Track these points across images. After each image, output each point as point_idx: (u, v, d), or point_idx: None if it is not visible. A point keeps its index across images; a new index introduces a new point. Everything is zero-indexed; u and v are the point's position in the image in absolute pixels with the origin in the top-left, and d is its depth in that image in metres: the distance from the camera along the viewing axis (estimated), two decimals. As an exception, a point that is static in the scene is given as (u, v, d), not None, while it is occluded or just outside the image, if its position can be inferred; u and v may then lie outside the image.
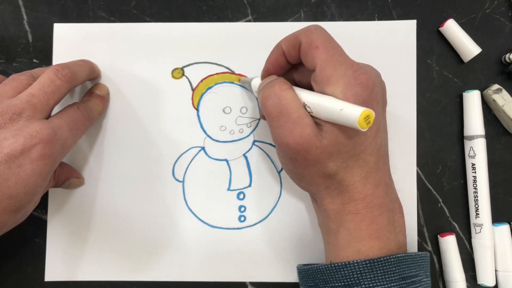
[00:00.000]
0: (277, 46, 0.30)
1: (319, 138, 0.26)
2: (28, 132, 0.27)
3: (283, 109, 0.27)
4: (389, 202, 0.28)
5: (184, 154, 0.36)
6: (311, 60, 0.27)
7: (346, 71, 0.26)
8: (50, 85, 0.29)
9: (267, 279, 0.36)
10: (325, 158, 0.26)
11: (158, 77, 0.37)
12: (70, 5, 0.37)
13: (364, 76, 0.26)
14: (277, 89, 0.28)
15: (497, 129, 0.37)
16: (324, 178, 0.27)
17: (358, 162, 0.27)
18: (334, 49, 0.27)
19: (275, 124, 0.27)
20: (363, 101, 0.25)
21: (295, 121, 0.26)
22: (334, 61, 0.26)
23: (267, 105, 0.28)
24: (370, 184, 0.27)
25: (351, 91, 0.25)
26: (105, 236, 0.36)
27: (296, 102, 0.27)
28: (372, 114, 0.24)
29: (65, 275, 0.36)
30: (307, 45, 0.27)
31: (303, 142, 0.26)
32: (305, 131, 0.26)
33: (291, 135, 0.26)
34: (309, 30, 0.28)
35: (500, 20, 0.37)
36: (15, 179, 0.26)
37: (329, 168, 0.27)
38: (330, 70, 0.26)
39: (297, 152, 0.26)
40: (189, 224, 0.36)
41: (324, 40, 0.27)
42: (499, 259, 0.35)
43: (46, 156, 0.27)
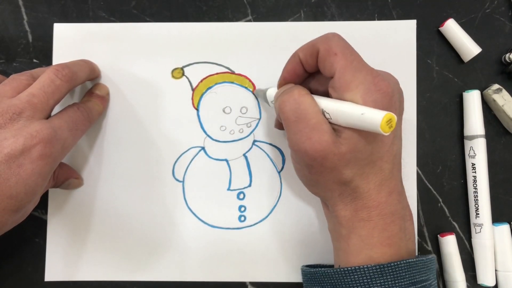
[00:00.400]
0: (294, 55, 0.30)
1: (337, 145, 0.26)
2: (28, 132, 0.27)
3: (301, 114, 0.26)
4: (401, 210, 0.28)
5: (184, 154, 0.36)
6: (330, 67, 0.27)
7: (365, 77, 0.26)
8: (50, 85, 0.29)
9: (267, 279, 0.36)
10: (342, 165, 0.26)
11: (158, 77, 0.37)
12: (70, 5, 0.37)
13: (383, 83, 0.26)
14: (296, 94, 0.27)
15: (497, 129, 0.37)
16: (339, 185, 0.27)
17: (374, 169, 0.27)
18: (353, 55, 0.27)
19: (293, 129, 0.27)
20: (382, 108, 0.25)
21: (314, 127, 0.26)
22: (353, 67, 0.26)
23: (285, 110, 0.27)
24: (384, 192, 0.27)
25: (370, 97, 0.25)
26: (105, 236, 0.36)
27: (315, 107, 0.27)
28: (394, 117, 0.23)
29: (65, 275, 0.36)
30: (325, 52, 0.27)
31: (321, 149, 0.26)
32: (324, 138, 0.26)
33: (309, 141, 0.26)
34: (327, 38, 0.28)
35: (500, 20, 0.37)
36: (15, 179, 0.26)
37: (345, 175, 0.27)
38: (349, 76, 0.26)
39: (314, 159, 0.26)
40: (189, 224, 0.36)
41: (343, 47, 0.27)
42: (499, 259, 0.35)
43: (46, 156, 0.27)
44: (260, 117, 0.36)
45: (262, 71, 0.36)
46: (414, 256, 0.29)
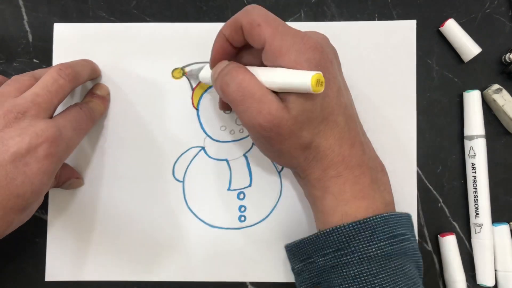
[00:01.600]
0: (219, 34, 0.30)
1: (286, 111, 0.26)
2: (33, 131, 0.27)
3: (245, 92, 0.27)
4: (369, 160, 0.29)
5: (184, 154, 0.36)
6: (258, 39, 0.27)
7: (294, 40, 0.26)
8: (53, 84, 0.29)
9: (267, 279, 0.36)
10: (297, 128, 0.27)
11: (158, 77, 0.37)
12: (70, 5, 0.37)
13: (311, 40, 0.26)
14: (234, 74, 0.27)
15: (497, 129, 0.37)
16: (301, 150, 0.28)
17: (329, 125, 0.27)
18: (276, 21, 0.27)
19: (241, 108, 0.27)
20: (316, 64, 0.26)
21: (260, 99, 0.26)
22: (280, 33, 0.26)
23: (229, 92, 0.28)
24: (345, 145, 0.28)
25: (303, 57, 0.26)
26: (105, 236, 0.36)
27: (256, 81, 0.27)
28: (321, 75, 0.25)
29: (65, 275, 0.36)
30: (249, 25, 0.27)
31: (273, 119, 0.26)
32: (273, 107, 0.26)
33: (260, 115, 0.26)
34: (247, 11, 0.28)
35: (500, 20, 0.37)
36: (21, 178, 0.26)
37: (303, 137, 0.27)
38: (278, 42, 0.26)
39: (269, 130, 0.27)
40: (189, 224, 0.36)
41: (264, 16, 0.27)
42: (498, 259, 0.35)
43: (51, 155, 0.27)
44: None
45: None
46: (393, 207, 0.30)
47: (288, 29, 0.27)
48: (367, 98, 0.36)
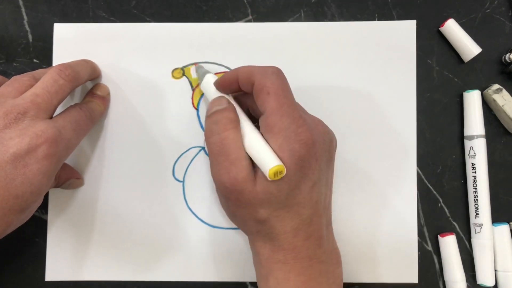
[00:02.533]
0: (234, 71, 0.30)
1: (252, 183, 0.26)
2: (33, 132, 0.27)
3: (223, 148, 0.27)
4: (322, 254, 0.28)
5: (184, 154, 0.36)
6: (261, 104, 0.27)
7: (289, 125, 0.26)
8: (53, 85, 0.29)
9: (267, 279, 0.36)
10: (257, 203, 0.27)
11: (158, 77, 0.37)
12: (70, 5, 0.37)
13: (306, 133, 0.26)
14: (222, 128, 0.28)
15: (497, 129, 0.37)
16: (255, 222, 0.28)
17: (290, 214, 0.27)
18: (285, 98, 0.27)
19: (214, 161, 0.28)
20: (299, 157, 0.26)
21: (233, 162, 0.27)
22: (281, 111, 0.26)
23: (210, 140, 0.28)
24: (300, 236, 0.27)
25: (288, 146, 0.26)
26: (105, 236, 0.36)
27: (237, 143, 0.27)
28: (283, 170, 0.25)
29: (65, 275, 0.36)
30: (259, 87, 0.27)
31: (236, 184, 0.26)
32: (240, 174, 0.26)
33: (227, 175, 0.27)
34: (265, 73, 0.28)
35: (500, 20, 0.37)
36: (21, 179, 0.26)
37: (260, 214, 0.27)
38: (274, 120, 0.26)
39: (230, 192, 0.27)
40: (189, 224, 0.36)
41: (277, 87, 0.27)
42: (498, 259, 0.35)
43: (51, 156, 0.27)
44: None
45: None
46: None
47: (291, 111, 0.26)
48: (367, 98, 0.36)
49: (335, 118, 0.36)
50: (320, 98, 0.36)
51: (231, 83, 0.30)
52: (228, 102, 0.30)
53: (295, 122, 0.26)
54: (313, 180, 0.27)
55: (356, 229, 0.36)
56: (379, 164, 0.36)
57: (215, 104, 0.30)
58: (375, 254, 0.36)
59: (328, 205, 0.30)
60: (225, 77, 0.30)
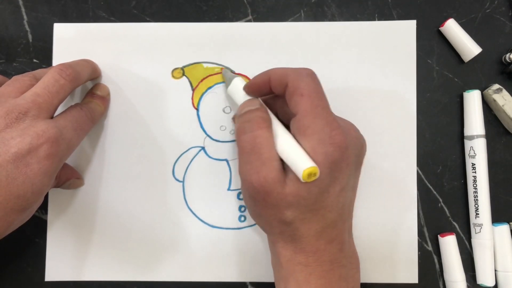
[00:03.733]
0: (266, 73, 0.29)
1: (282, 185, 0.26)
2: (34, 131, 0.27)
3: (255, 147, 0.27)
4: (343, 258, 0.28)
5: (184, 154, 0.36)
6: (294, 106, 0.27)
7: (323, 127, 0.26)
8: (54, 85, 0.29)
9: (267, 279, 0.36)
10: (284, 205, 0.26)
11: (158, 77, 0.37)
12: (70, 5, 0.37)
13: (339, 136, 0.26)
14: (255, 126, 0.27)
15: (497, 129, 0.37)
16: (279, 223, 0.27)
17: (317, 217, 0.27)
18: (320, 100, 0.27)
19: (245, 159, 0.27)
20: (332, 161, 0.25)
21: (264, 161, 0.26)
22: (315, 113, 0.26)
23: (241, 138, 0.28)
24: (323, 240, 0.27)
25: (322, 149, 0.25)
26: (105, 236, 0.36)
27: (270, 143, 0.27)
28: (317, 172, 0.25)
29: (65, 275, 0.36)
30: (293, 89, 0.27)
31: (266, 185, 0.26)
32: (270, 175, 0.26)
33: (257, 175, 0.26)
34: (299, 74, 0.27)
35: (500, 20, 0.37)
36: (22, 179, 0.26)
37: (286, 215, 0.26)
38: (308, 122, 0.26)
39: (258, 193, 0.26)
40: (189, 224, 0.36)
41: (311, 89, 0.27)
42: (498, 259, 0.35)
43: (52, 155, 0.27)
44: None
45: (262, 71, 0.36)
46: None
47: (325, 113, 0.26)
48: (367, 98, 0.36)
49: (335, 118, 0.36)
50: (320, 98, 0.36)
51: (262, 86, 0.30)
52: (260, 103, 0.30)
53: (329, 125, 0.26)
54: (342, 185, 0.27)
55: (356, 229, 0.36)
56: (379, 164, 0.36)
57: (247, 105, 0.30)
58: (375, 254, 0.36)
59: (351, 210, 0.30)
60: (256, 79, 0.30)
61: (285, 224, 0.27)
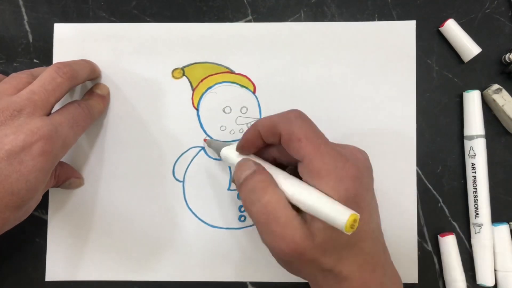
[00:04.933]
0: (254, 127, 0.28)
1: (311, 239, 0.25)
2: (28, 129, 0.27)
3: (270, 215, 0.25)
4: (388, 281, 0.28)
5: (184, 154, 0.36)
6: (296, 152, 0.26)
7: (336, 164, 0.25)
8: (51, 83, 0.29)
9: (267, 279, 0.36)
10: (319, 255, 0.25)
11: (158, 77, 0.37)
12: (70, 5, 0.37)
13: (353, 168, 0.25)
14: (261, 194, 0.26)
15: (497, 129, 0.37)
16: (321, 272, 0.26)
17: (353, 251, 0.26)
18: (319, 139, 0.26)
19: (264, 229, 0.26)
20: (355, 195, 0.25)
21: (284, 225, 0.25)
22: (321, 153, 0.25)
23: (252, 211, 0.27)
24: (367, 271, 0.26)
25: (342, 186, 0.25)
26: (105, 235, 0.36)
27: (282, 203, 0.26)
28: (357, 217, 0.23)
29: (65, 274, 0.36)
30: (287, 136, 0.26)
31: (296, 247, 0.25)
32: (297, 235, 0.25)
33: (283, 241, 0.25)
34: (289, 120, 0.27)
35: (500, 20, 0.37)
36: (16, 176, 0.26)
37: (326, 263, 0.26)
38: (318, 164, 0.25)
39: (291, 256, 0.25)
40: (189, 224, 0.36)
41: (307, 131, 0.26)
42: (498, 259, 0.35)
43: (47, 153, 0.27)
44: (260, 117, 0.36)
45: (262, 71, 0.36)
46: None
47: (330, 150, 0.26)
48: (367, 98, 0.36)
49: (335, 118, 0.36)
50: (320, 98, 0.36)
51: (253, 142, 0.29)
52: (254, 163, 0.28)
53: (339, 160, 0.25)
54: (369, 211, 0.27)
55: (356, 229, 0.36)
56: (379, 164, 0.36)
57: (243, 169, 0.28)
58: (375, 254, 0.36)
59: (380, 230, 0.29)
60: (246, 137, 0.29)
61: (327, 271, 0.26)
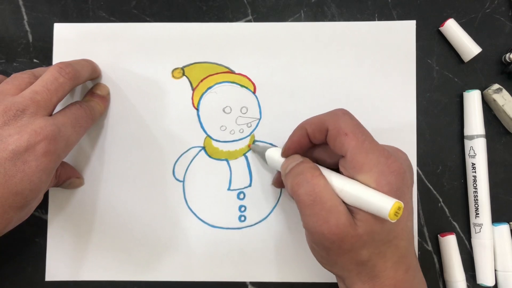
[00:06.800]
0: (301, 127, 0.30)
1: (354, 227, 0.25)
2: (32, 129, 0.27)
3: (317, 198, 0.26)
4: (417, 285, 0.28)
5: (185, 154, 0.36)
6: (340, 147, 0.27)
7: (379, 159, 0.26)
8: (53, 83, 0.29)
9: (267, 279, 0.36)
10: (359, 246, 0.26)
11: (158, 77, 0.37)
12: (70, 5, 0.37)
13: (396, 164, 0.26)
14: (309, 176, 0.27)
15: (497, 129, 0.37)
16: (356, 265, 0.27)
17: (391, 248, 0.27)
18: (364, 135, 0.27)
19: (309, 212, 0.26)
20: (397, 189, 0.25)
21: (330, 209, 0.26)
22: (365, 148, 0.26)
23: (299, 192, 0.27)
24: (401, 270, 0.27)
25: (385, 180, 0.25)
26: (105, 235, 0.36)
27: (329, 189, 0.26)
28: (402, 205, 0.24)
29: (65, 275, 0.36)
30: (335, 131, 0.27)
31: (338, 232, 0.25)
32: (341, 220, 0.25)
33: (327, 225, 0.25)
34: (336, 116, 0.28)
35: (500, 20, 0.37)
36: (20, 176, 0.26)
37: (363, 255, 0.26)
38: (361, 158, 0.26)
39: (332, 242, 0.26)
40: (189, 224, 0.36)
41: (353, 126, 0.27)
42: (498, 259, 0.35)
43: (50, 153, 0.27)
44: (260, 117, 0.36)
45: (262, 71, 0.36)
46: None
47: (374, 146, 0.26)
48: (367, 98, 0.36)
49: (335, 118, 0.36)
50: (320, 98, 0.36)
51: (299, 142, 0.30)
52: (301, 157, 0.30)
53: (382, 155, 0.26)
54: (408, 209, 0.27)
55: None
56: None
57: (289, 162, 0.29)
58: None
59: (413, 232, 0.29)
60: (293, 137, 0.30)
61: (362, 264, 0.27)
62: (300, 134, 0.30)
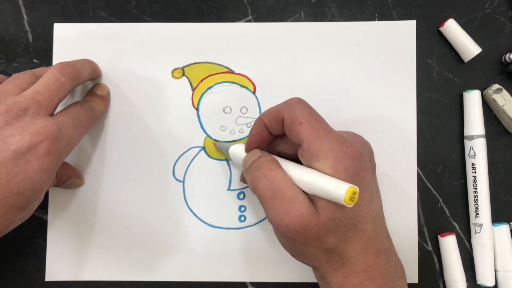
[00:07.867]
0: (259, 120, 0.30)
1: (316, 216, 0.26)
2: (34, 129, 0.27)
3: (276, 190, 0.26)
4: (391, 268, 0.28)
5: (184, 154, 0.36)
6: (296, 136, 0.27)
7: (333, 145, 0.26)
8: (54, 83, 0.29)
9: (267, 279, 0.36)
10: (324, 234, 0.26)
11: (158, 77, 0.37)
12: (70, 5, 0.37)
13: (351, 148, 0.26)
14: (267, 170, 0.27)
15: (497, 129, 0.37)
16: (325, 253, 0.27)
17: (357, 233, 0.27)
18: (319, 122, 0.27)
19: (270, 205, 0.27)
20: (354, 173, 0.26)
21: (290, 200, 0.26)
22: (320, 135, 0.26)
23: (259, 187, 0.27)
24: (371, 254, 0.27)
25: (340, 166, 0.26)
26: (105, 236, 0.36)
27: (288, 180, 0.27)
28: (357, 190, 0.24)
29: (65, 275, 0.36)
30: (290, 120, 0.27)
31: (301, 222, 0.25)
32: (302, 210, 0.25)
33: (288, 216, 0.26)
34: (291, 105, 0.28)
35: (500, 20, 0.37)
36: (22, 176, 0.26)
37: (329, 243, 0.26)
38: (317, 145, 0.26)
39: (296, 232, 0.26)
40: (189, 224, 0.36)
41: (308, 115, 0.27)
42: (498, 259, 0.35)
43: (52, 153, 0.27)
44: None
45: (262, 71, 0.36)
46: None
47: (328, 133, 0.26)
48: (367, 98, 0.36)
49: (335, 118, 0.36)
50: (320, 98, 0.36)
51: (260, 135, 0.30)
52: (260, 151, 0.30)
53: (337, 141, 0.26)
54: (369, 193, 0.27)
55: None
56: (379, 164, 0.36)
57: (249, 157, 0.30)
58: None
59: (383, 215, 0.29)
60: (252, 132, 0.30)
61: (331, 252, 0.27)
62: (259, 126, 0.30)
